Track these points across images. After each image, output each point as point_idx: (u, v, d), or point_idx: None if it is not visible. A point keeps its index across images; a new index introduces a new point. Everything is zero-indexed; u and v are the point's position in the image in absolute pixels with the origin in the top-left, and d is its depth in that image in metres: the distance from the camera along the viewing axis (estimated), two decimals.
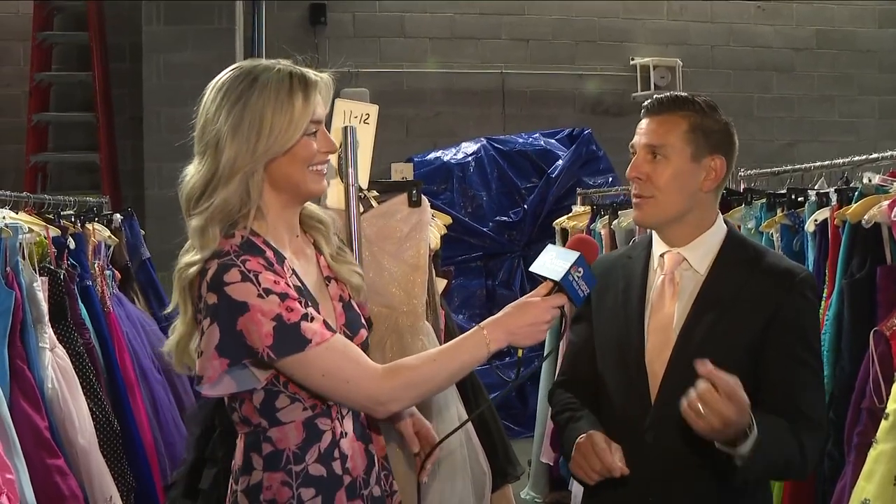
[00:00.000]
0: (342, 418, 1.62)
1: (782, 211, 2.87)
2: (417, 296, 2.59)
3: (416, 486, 1.78)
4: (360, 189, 2.42)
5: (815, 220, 2.66)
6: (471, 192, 6.29)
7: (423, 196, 2.65)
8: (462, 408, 2.52)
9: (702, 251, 1.78)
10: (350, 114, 2.38)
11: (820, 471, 2.38)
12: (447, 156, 6.37)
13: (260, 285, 1.49)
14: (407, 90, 6.65)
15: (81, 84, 5.80)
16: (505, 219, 6.31)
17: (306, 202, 1.69)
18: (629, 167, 1.80)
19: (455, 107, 6.72)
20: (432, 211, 2.83)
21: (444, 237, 3.14)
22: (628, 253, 1.93)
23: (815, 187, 2.93)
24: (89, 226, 3.40)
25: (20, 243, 2.67)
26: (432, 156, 6.39)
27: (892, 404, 2.04)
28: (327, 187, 1.69)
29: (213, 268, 1.50)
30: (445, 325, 2.88)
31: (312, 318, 1.52)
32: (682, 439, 1.66)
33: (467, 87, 6.72)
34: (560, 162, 6.31)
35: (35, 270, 2.73)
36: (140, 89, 5.40)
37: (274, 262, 1.55)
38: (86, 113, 5.76)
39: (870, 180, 2.46)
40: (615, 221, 3.95)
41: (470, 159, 6.34)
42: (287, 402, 1.57)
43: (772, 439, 1.58)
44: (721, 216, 1.84)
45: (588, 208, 4.61)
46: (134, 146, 5.72)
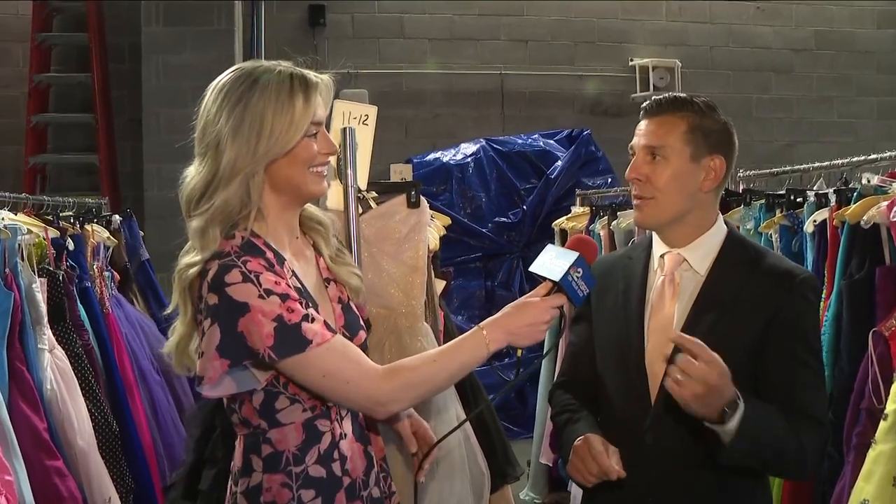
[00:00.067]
0: (341, 419, 1.62)
1: (781, 212, 2.87)
2: (416, 297, 2.59)
3: (412, 489, 1.78)
4: (359, 190, 2.42)
5: (814, 221, 2.66)
6: (470, 193, 6.29)
7: (421, 197, 2.65)
8: (461, 408, 2.52)
9: (702, 252, 1.78)
10: (349, 115, 2.38)
11: (819, 471, 2.38)
12: (446, 157, 6.38)
13: (261, 286, 1.49)
14: (406, 91, 6.65)
15: (80, 85, 5.79)
16: (504, 220, 6.31)
17: (306, 204, 1.69)
18: (628, 168, 1.80)
19: (454, 108, 6.72)
20: (431, 212, 2.83)
21: (443, 238, 3.14)
22: (628, 254, 1.93)
23: (814, 188, 2.93)
24: (88, 227, 3.39)
25: (19, 244, 2.67)
26: (431, 157, 6.40)
27: (891, 405, 2.04)
28: (327, 189, 1.69)
29: (214, 268, 1.50)
30: (444, 326, 2.88)
31: (313, 319, 1.52)
32: (681, 440, 1.66)
33: (466, 88, 6.73)
34: (559, 163, 6.32)
35: (34, 272, 2.73)
36: (139, 90, 5.40)
37: (274, 264, 1.55)
38: (85, 114, 5.76)
39: (868, 181, 2.46)
40: (614, 222, 3.95)
41: (469, 160, 6.34)
42: (287, 404, 1.57)
43: (761, 419, 1.59)
44: (721, 217, 1.84)
45: (587, 209, 4.60)
46: (133, 147, 5.72)
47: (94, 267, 3.34)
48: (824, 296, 2.53)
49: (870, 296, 2.36)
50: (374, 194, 2.64)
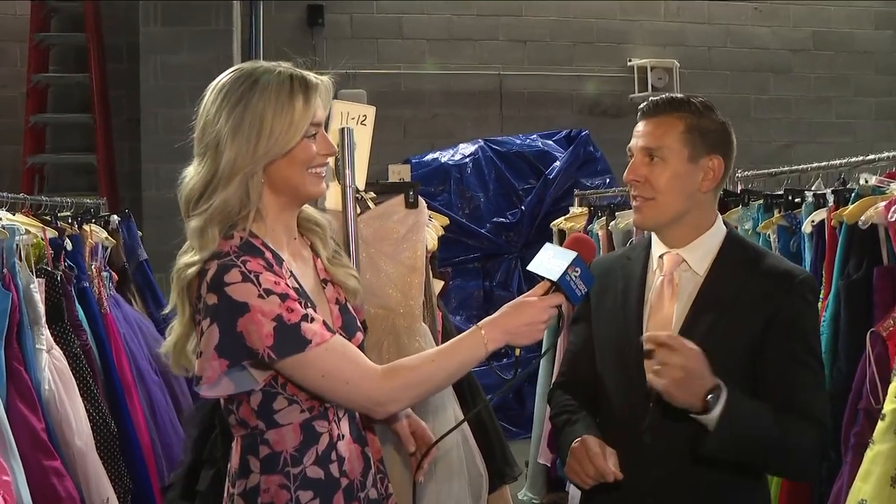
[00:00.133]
0: (339, 420, 1.62)
1: (779, 212, 2.87)
2: (414, 297, 2.59)
3: (411, 488, 1.78)
4: (357, 190, 2.42)
5: (812, 221, 2.66)
6: (468, 194, 6.30)
7: (420, 197, 2.65)
8: (459, 409, 2.52)
9: (701, 252, 1.78)
10: (347, 115, 2.38)
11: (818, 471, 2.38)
12: (445, 157, 6.38)
13: (260, 286, 1.49)
14: (404, 91, 6.65)
15: (79, 85, 5.79)
16: (502, 220, 6.31)
17: (305, 204, 1.69)
18: (627, 170, 1.80)
19: (453, 108, 6.72)
20: (429, 212, 2.83)
21: (442, 238, 3.14)
22: (627, 254, 1.93)
23: (812, 188, 2.93)
24: (86, 227, 3.39)
25: (17, 245, 2.66)
26: (430, 157, 6.40)
27: (889, 405, 2.04)
28: (326, 190, 1.69)
29: (213, 268, 1.50)
30: (442, 327, 2.88)
31: (312, 319, 1.52)
32: (680, 440, 1.66)
33: (465, 89, 6.73)
34: (557, 163, 6.32)
35: (32, 272, 2.72)
36: (137, 91, 5.40)
37: (273, 264, 1.55)
38: (83, 114, 5.76)
39: (866, 181, 2.46)
40: (612, 222, 3.95)
41: (467, 160, 6.34)
42: (285, 404, 1.57)
43: (746, 406, 1.60)
44: (720, 217, 1.84)
45: (585, 209, 4.61)
46: (131, 147, 5.71)
47: (93, 267, 3.33)
48: (822, 296, 2.53)
49: (868, 296, 2.36)
50: (373, 195, 2.64)
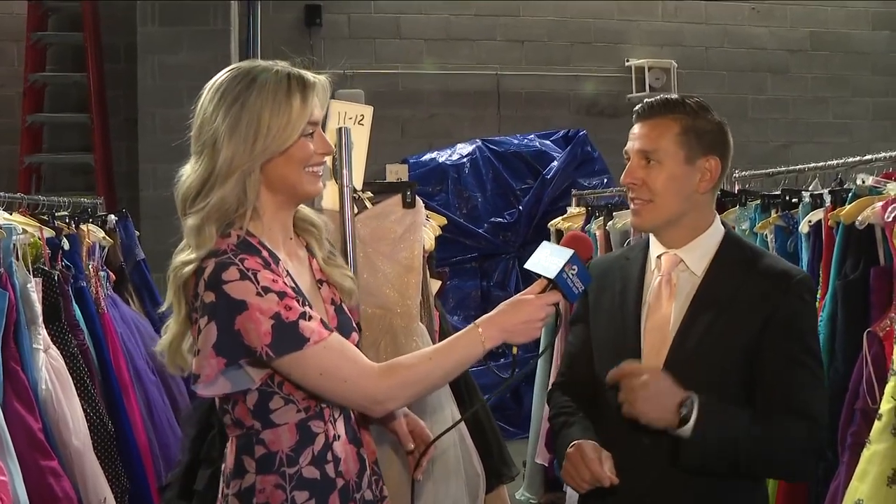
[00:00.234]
0: (335, 421, 1.62)
1: (776, 212, 2.87)
2: (412, 297, 2.59)
3: (409, 490, 1.78)
4: (355, 190, 2.42)
5: (810, 222, 2.66)
6: (466, 194, 6.29)
7: (417, 197, 2.65)
8: (456, 408, 2.52)
9: (699, 253, 1.78)
10: (345, 115, 2.38)
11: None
12: (442, 157, 6.37)
13: (258, 283, 1.49)
14: (402, 91, 6.65)
15: (76, 85, 5.78)
16: (500, 220, 6.31)
17: (301, 204, 1.69)
18: (624, 173, 1.80)
19: (450, 108, 6.72)
20: (427, 212, 2.84)
21: (439, 238, 3.14)
22: (625, 254, 1.93)
23: (810, 188, 2.93)
24: (84, 227, 3.39)
25: (14, 244, 2.66)
26: (427, 157, 6.39)
27: (886, 405, 2.05)
28: (323, 189, 1.69)
29: (211, 266, 1.50)
30: (440, 327, 2.88)
31: (310, 317, 1.52)
32: (679, 441, 1.66)
33: (462, 89, 6.73)
34: (555, 163, 6.32)
35: (29, 271, 2.72)
36: (135, 90, 5.39)
37: (270, 262, 1.55)
38: (80, 114, 5.75)
39: (863, 181, 2.46)
40: (610, 223, 3.95)
41: (465, 160, 6.34)
42: (281, 404, 1.56)
43: (720, 410, 1.62)
44: (718, 217, 1.84)
45: (583, 209, 4.60)
46: (129, 147, 5.71)
47: (90, 267, 3.33)
48: (819, 296, 2.53)
49: (864, 296, 2.36)
50: (370, 194, 2.64)
